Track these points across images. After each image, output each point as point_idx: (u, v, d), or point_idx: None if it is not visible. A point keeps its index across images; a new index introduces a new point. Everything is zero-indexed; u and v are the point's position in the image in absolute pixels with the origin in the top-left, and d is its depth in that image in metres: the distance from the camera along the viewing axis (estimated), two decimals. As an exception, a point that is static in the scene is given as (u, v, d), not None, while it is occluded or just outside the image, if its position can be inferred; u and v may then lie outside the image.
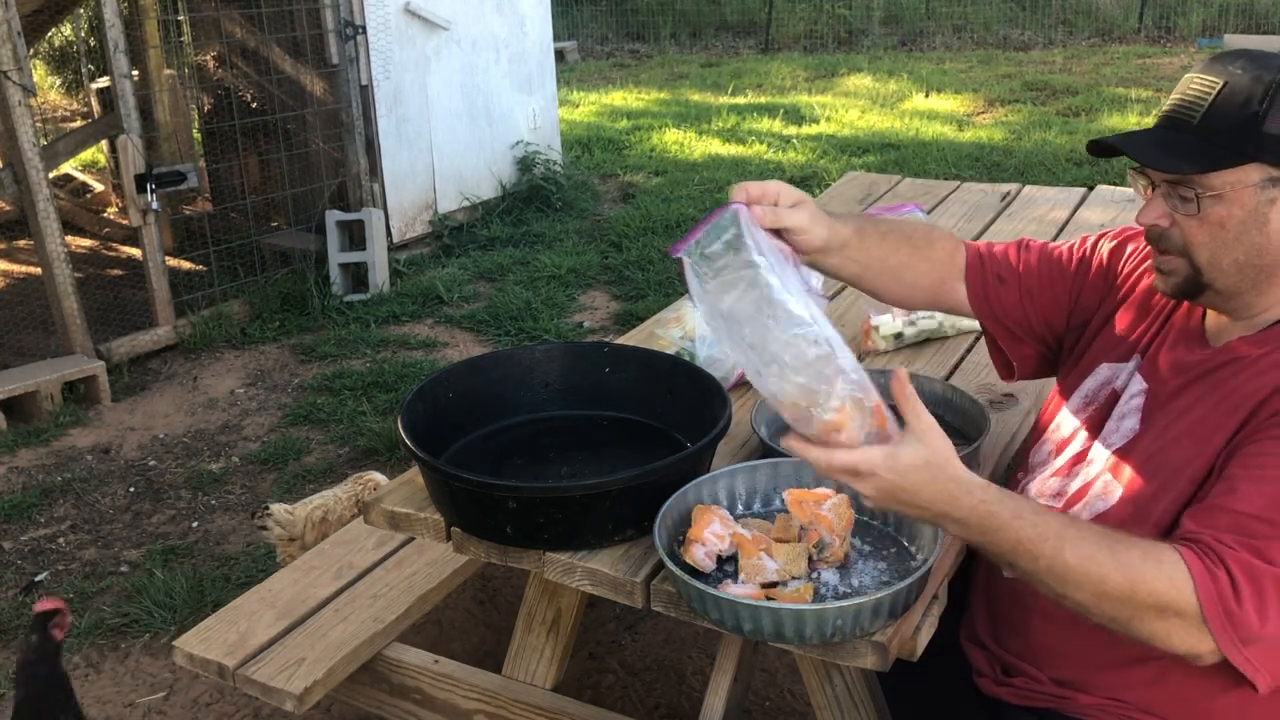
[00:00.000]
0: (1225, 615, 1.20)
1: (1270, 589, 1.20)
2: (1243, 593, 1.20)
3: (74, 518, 3.40)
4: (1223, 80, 1.31)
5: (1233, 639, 1.21)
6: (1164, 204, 1.35)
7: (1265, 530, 1.21)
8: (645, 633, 2.72)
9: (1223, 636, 1.20)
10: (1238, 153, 1.29)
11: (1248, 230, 1.31)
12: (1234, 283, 1.35)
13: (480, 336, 4.66)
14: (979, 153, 6.98)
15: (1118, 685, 1.41)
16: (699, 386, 1.75)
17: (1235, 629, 1.20)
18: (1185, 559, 1.21)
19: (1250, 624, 1.20)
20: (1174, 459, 1.36)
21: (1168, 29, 11.54)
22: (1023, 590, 1.50)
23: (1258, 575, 1.20)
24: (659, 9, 13.21)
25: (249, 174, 5.72)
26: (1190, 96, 1.33)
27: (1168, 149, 1.32)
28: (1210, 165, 1.30)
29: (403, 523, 1.68)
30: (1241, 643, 1.21)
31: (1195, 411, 1.36)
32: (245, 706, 2.52)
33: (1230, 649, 1.21)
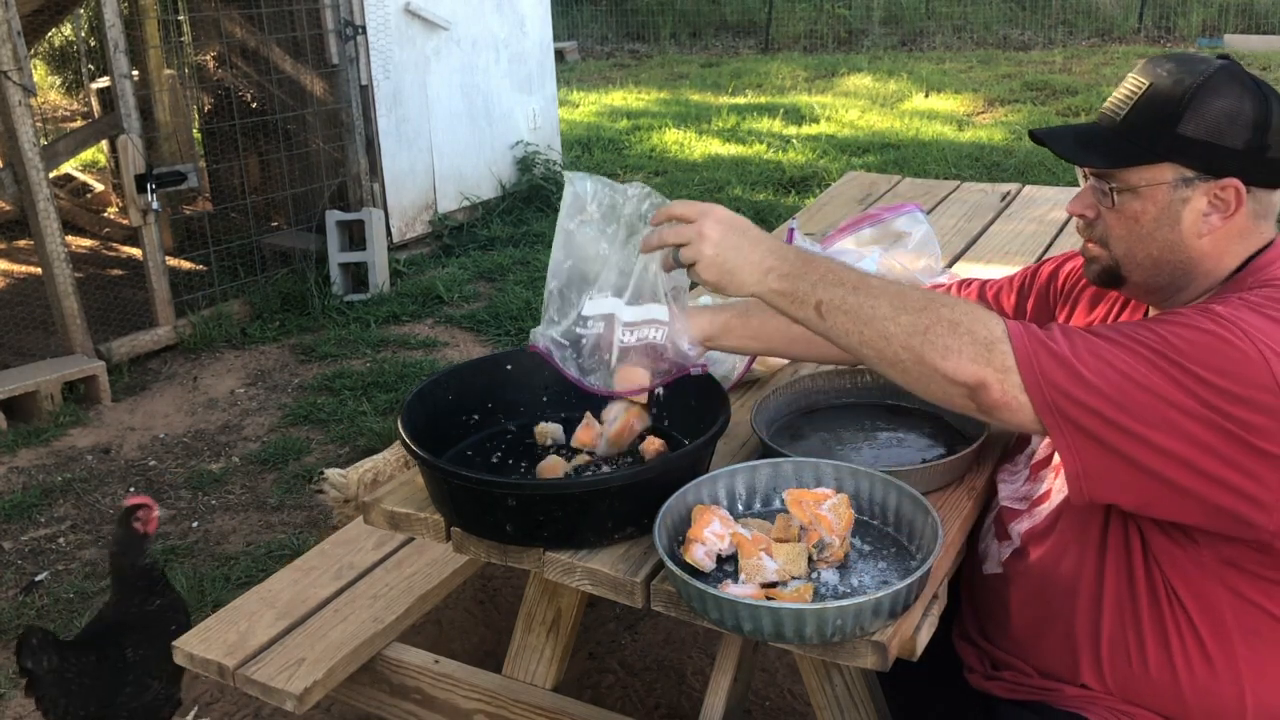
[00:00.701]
0: (1026, 332, 1.24)
1: (1080, 343, 1.24)
2: (1054, 332, 1.25)
3: (74, 518, 3.40)
4: (1149, 81, 1.37)
5: (1028, 351, 1.22)
6: (1091, 195, 1.42)
7: (1099, 332, 1.27)
8: (645, 633, 2.72)
9: (1020, 344, 1.22)
10: (1152, 152, 1.35)
11: (1160, 227, 1.37)
12: (1149, 277, 1.41)
13: (480, 336, 4.66)
14: (979, 153, 6.99)
15: (1095, 674, 1.43)
16: (698, 386, 1.75)
17: (1034, 341, 1.23)
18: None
19: (1057, 345, 1.23)
20: None
21: (1168, 29, 11.54)
22: (999, 587, 1.53)
23: (1072, 333, 1.25)
24: (659, 9, 13.22)
25: (249, 174, 5.72)
26: (1121, 95, 1.40)
27: (1086, 144, 1.40)
28: (1123, 161, 1.37)
29: (403, 523, 1.68)
30: (1038, 360, 1.22)
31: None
32: (245, 706, 2.52)
33: (1024, 361, 1.22)
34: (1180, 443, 1.21)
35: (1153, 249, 1.39)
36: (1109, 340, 1.24)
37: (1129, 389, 1.21)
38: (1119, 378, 1.21)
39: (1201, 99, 1.33)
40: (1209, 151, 1.33)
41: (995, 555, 1.56)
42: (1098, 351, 1.23)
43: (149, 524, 2.25)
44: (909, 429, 1.83)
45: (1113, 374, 1.21)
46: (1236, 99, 1.33)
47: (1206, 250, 1.37)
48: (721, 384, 1.74)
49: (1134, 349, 1.22)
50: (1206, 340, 1.21)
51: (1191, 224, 1.36)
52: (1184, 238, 1.37)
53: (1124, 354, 1.22)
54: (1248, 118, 1.32)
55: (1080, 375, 1.21)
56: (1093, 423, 1.22)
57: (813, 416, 1.90)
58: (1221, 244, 1.37)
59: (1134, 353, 1.22)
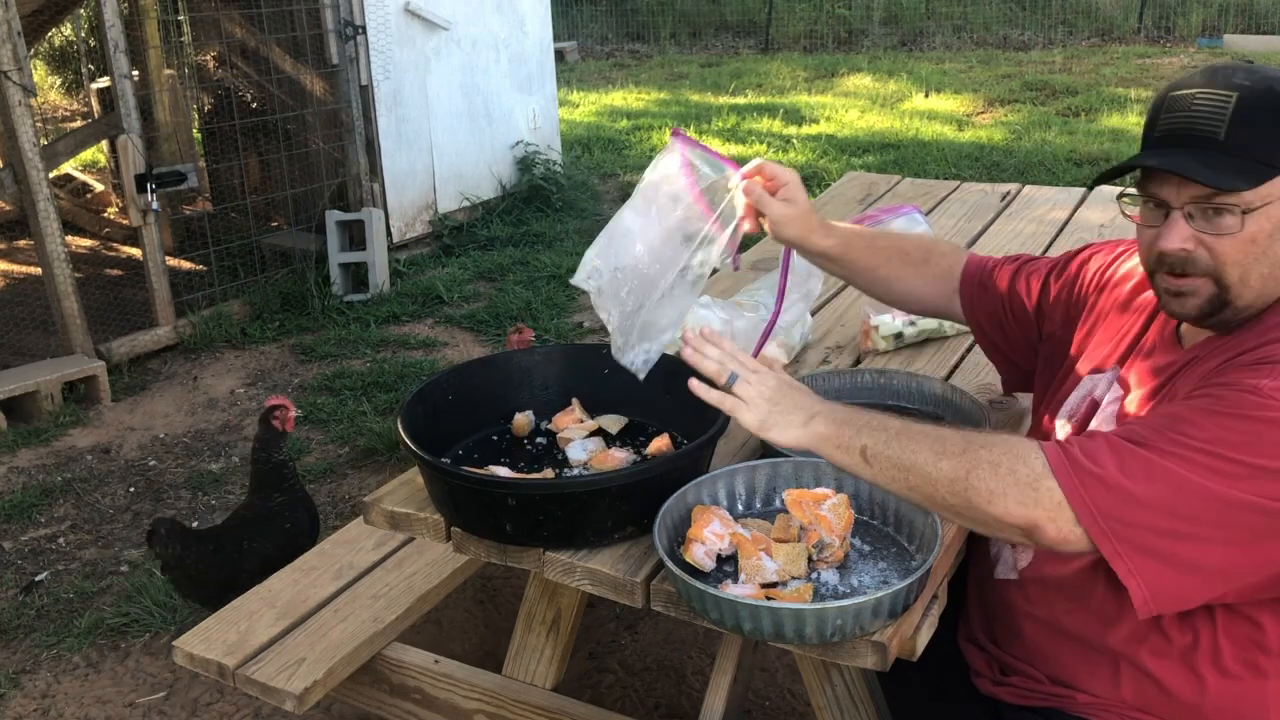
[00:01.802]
0: (1071, 465, 1.20)
1: (1133, 463, 1.19)
2: (1100, 454, 1.20)
3: (74, 518, 3.40)
4: (1235, 94, 1.28)
5: (1078, 488, 1.18)
6: (1188, 227, 1.31)
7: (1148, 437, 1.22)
8: (645, 633, 2.72)
9: (1068, 482, 1.19)
10: (1271, 165, 1.27)
11: (1275, 242, 1.30)
12: (1255, 298, 1.32)
13: (480, 336, 4.66)
14: (979, 153, 6.99)
15: (1112, 684, 1.41)
16: (698, 386, 1.75)
17: (1082, 477, 1.19)
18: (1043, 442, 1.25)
19: (1103, 475, 1.18)
20: None
21: (1168, 29, 11.54)
22: (1013, 594, 1.52)
23: (1123, 453, 1.21)
24: (659, 9, 13.22)
25: (249, 174, 5.72)
26: (1207, 111, 1.30)
27: (1212, 166, 1.28)
28: (1255, 179, 1.27)
29: (403, 523, 1.68)
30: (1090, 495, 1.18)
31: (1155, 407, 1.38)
32: (245, 706, 2.52)
33: (1076, 498, 1.18)
34: (1244, 534, 1.19)
35: (1265, 267, 1.30)
36: (1158, 450, 1.20)
37: (1185, 498, 1.18)
38: (1172, 491, 1.18)
39: None
40: None
41: (1009, 561, 1.54)
42: (1147, 465, 1.19)
43: (286, 423, 2.53)
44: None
45: (1165, 488, 1.18)
46: None
47: None
48: (721, 384, 1.74)
49: (1187, 455, 1.19)
50: (1259, 430, 1.18)
51: None
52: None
53: (1176, 463, 1.19)
54: None
55: (1132, 496, 1.18)
56: (1152, 540, 1.19)
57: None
58: None
59: (1186, 460, 1.19)
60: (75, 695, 2.61)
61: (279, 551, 2.44)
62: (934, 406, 1.86)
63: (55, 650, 2.77)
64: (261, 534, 2.51)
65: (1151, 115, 1.36)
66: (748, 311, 2.03)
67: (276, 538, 2.49)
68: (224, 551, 2.51)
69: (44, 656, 2.75)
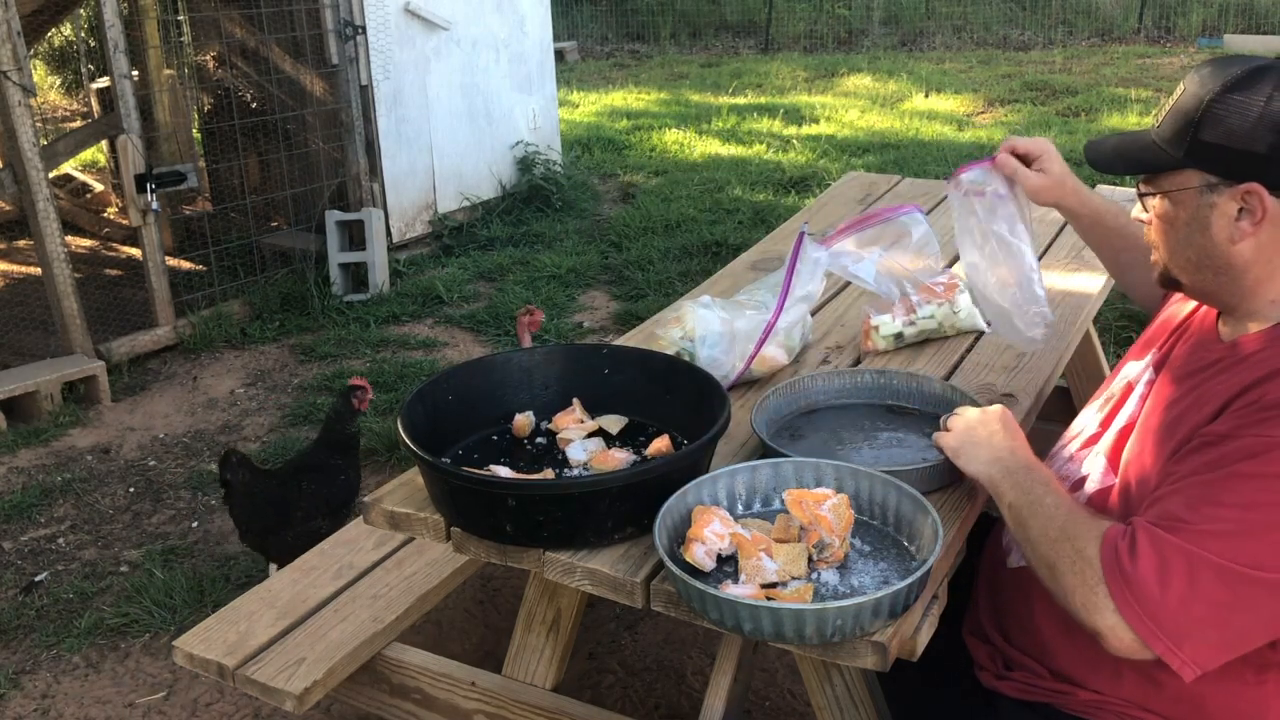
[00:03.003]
0: (1118, 572, 1.24)
1: (1175, 560, 1.22)
2: (1140, 556, 1.23)
3: (74, 518, 3.40)
4: (1184, 86, 1.37)
5: (1127, 597, 1.23)
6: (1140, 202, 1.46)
7: (1186, 515, 1.25)
8: (645, 633, 2.72)
9: (1116, 592, 1.23)
10: (1175, 158, 1.36)
11: (1193, 232, 1.37)
12: (1195, 280, 1.41)
13: (480, 336, 4.66)
14: (979, 153, 6.98)
15: (1114, 681, 1.42)
16: (698, 386, 1.75)
17: (1130, 589, 1.23)
18: (1107, 529, 1.29)
19: (1147, 588, 1.22)
20: (1151, 447, 1.39)
21: (1167, 29, 11.54)
22: (1026, 581, 1.52)
23: (1162, 545, 1.23)
24: (659, 9, 13.21)
25: (249, 174, 5.72)
26: (1167, 102, 1.41)
27: (1123, 152, 1.44)
28: (1150, 168, 1.39)
29: (403, 523, 1.68)
30: (1140, 606, 1.22)
31: (1181, 404, 1.39)
32: (245, 706, 2.52)
33: (1125, 606, 1.23)
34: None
35: (1190, 253, 1.39)
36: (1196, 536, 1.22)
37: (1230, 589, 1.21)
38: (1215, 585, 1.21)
39: (1222, 103, 1.31)
40: (1228, 156, 1.31)
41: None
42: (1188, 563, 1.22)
43: (363, 403, 2.82)
44: (908, 429, 1.83)
45: (1209, 584, 1.21)
46: (1264, 102, 1.29)
47: (1250, 257, 1.34)
48: (721, 384, 1.74)
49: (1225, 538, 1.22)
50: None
51: (1222, 229, 1.34)
52: (1216, 243, 1.35)
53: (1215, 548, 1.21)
54: (1273, 120, 1.29)
55: (1180, 605, 1.22)
56: (1201, 631, 1.23)
57: (812, 416, 1.90)
58: (1269, 253, 1.34)
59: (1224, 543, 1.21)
60: (75, 695, 2.61)
61: (327, 503, 2.77)
62: (934, 406, 1.86)
63: (55, 650, 2.77)
64: (318, 482, 2.78)
65: None
66: (749, 311, 2.03)
67: (330, 489, 2.80)
68: (285, 488, 2.79)
69: (44, 657, 2.75)
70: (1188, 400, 1.38)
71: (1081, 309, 2.34)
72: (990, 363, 2.10)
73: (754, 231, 5.45)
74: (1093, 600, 1.25)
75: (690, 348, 1.98)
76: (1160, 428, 1.39)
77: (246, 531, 2.85)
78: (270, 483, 2.83)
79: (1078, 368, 2.81)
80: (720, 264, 4.53)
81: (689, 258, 5.31)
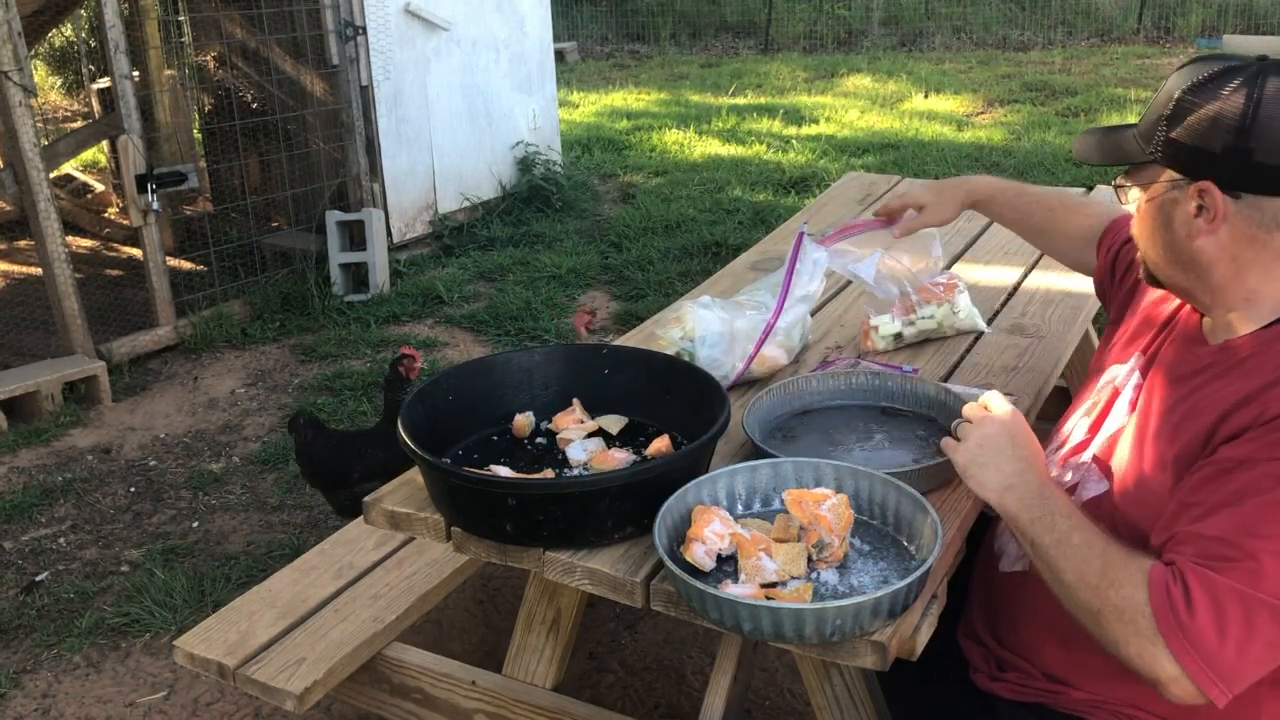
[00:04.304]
0: (1176, 625, 1.20)
1: (1230, 607, 1.19)
2: (1196, 605, 1.19)
3: (74, 518, 3.41)
4: (1168, 82, 1.37)
5: (1187, 649, 1.20)
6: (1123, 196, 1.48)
7: (1228, 552, 1.21)
8: (645, 632, 2.73)
9: (1175, 645, 1.20)
10: (1144, 153, 1.37)
11: (1159, 228, 1.39)
12: (1169, 276, 1.43)
13: (480, 336, 4.66)
14: (978, 153, 6.99)
15: (1107, 684, 1.42)
16: (697, 386, 1.75)
17: (1189, 640, 1.19)
18: (1151, 570, 1.24)
19: (1206, 638, 1.19)
20: (1149, 453, 1.38)
21: (1167, 29, 11.55)
22: (1017, 584, 1.53)
23: (1216, 590, 1.20)
24: (659, 9, 13.22)
25: (249, 174, 5.72)
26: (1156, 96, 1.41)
27: (1102, 145, 1.46)
28: (1123, 161, 1.41)
29: (403, 523, 1.69)
30: (1200, 657, 1.19)
31: (1177, 410, 1.38)
32: (245, 706, 2.53)
33: (1185, 659, 1.20)
34: None
35: (1160, 248, 1.40)
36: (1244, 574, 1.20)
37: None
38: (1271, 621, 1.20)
39: (1187, 101, 1.32)
40: (1188, 153, 1.32)
41: (1015, 552, 1.55)
42: (1243, 604, 1.19)
43: (411, 371, 2.94)
44: (902, 430, 1.83)
45: (1265, 622, 1.20)
46: (1223, 101, 1.29)
47: (1213, 255, 1.33)
48: (720, 384, 1.74)
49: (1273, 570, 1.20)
50: None
51: (1181, 226, 1.35)
52: (1177, 240, 1.36)
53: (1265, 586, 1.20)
54: (1229, 121, 1.28)
55: (1238, 651, 1.20)
56: (1257, 671, 1.22)
57: (805, 417, 1.90)
58: (1231, 251, 1.33)
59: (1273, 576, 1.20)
60: (76, 695, 2.61)
61: (383, 467, 2.86)
62: (928, 409, 1.87)
63: (56, 650, 2.77)
64: (376, 446, 2.92)
65: None
66: (749, 311, 2.03)
67: (386, 453, 2.84)
68: (344, 449, 2.97)
69: (44, 656, 2.75)
70: (1184, 406, 1.36)
71: (1080, 309, 2.35)
72: (990, 363, 2.10)
73: (754, 231, 5.45)
74: (1150, 651, 1.22)
75: (690, 348, 1.98)
76: (1157, 434, 1.38)
77: (312, 485, 3.14)
78: (330, 443, 3.01)
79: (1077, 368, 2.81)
80: (720, 264, 4.54)
81: (689, 258, 5.32)
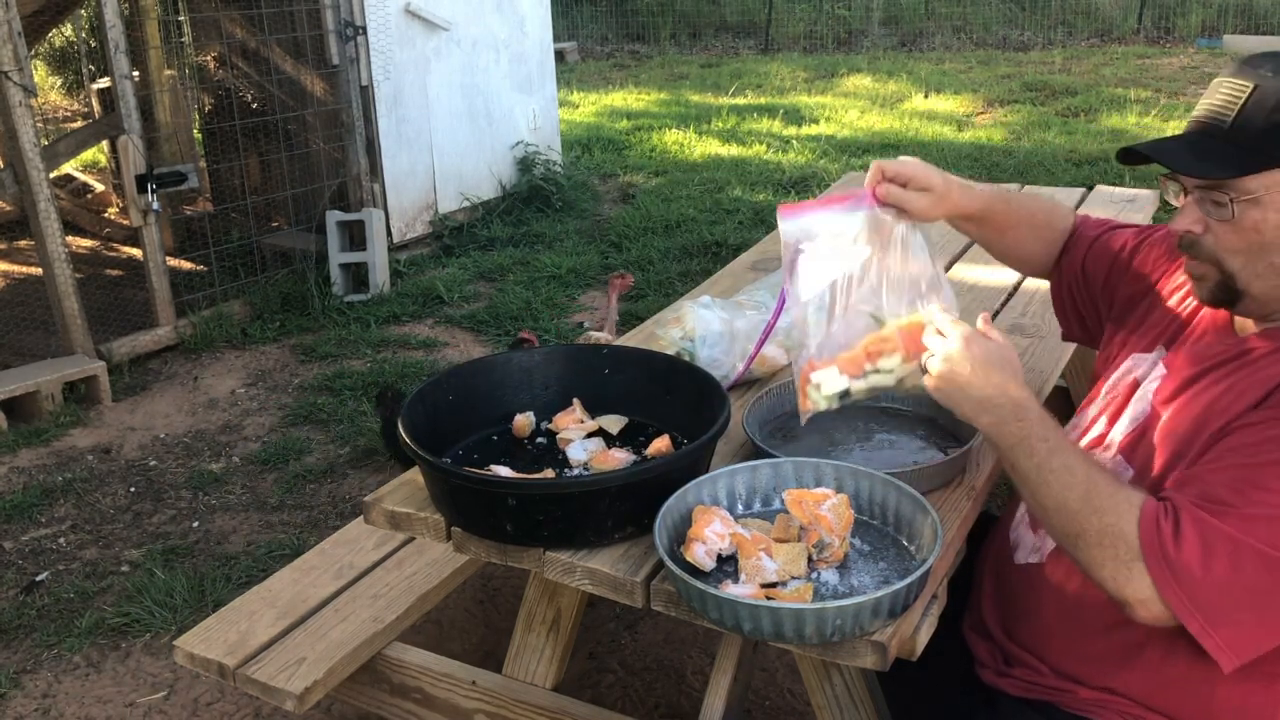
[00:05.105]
0: (1161, 555, 1.22)
1: (1220, 546, 1.21)
2: (1185, 540, 1.22)
3: (74, 517, 3.41)
4: (1253, 84, 1.29)
5: (1168, 578, 1.22)
6: (1197, 210, 1.35)
7: (1229, 499, 1.23)
8: (645, 632, 2.72)
9: (1156, 571, 1.22)
10: (1270, 157, 1.28)
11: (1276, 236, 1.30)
12: (1269, 287, 1.34)
13: (480, 336, 4.66)
14: (978, 153, 6.99)
15: (1118, 676, 1.41)
16: (697, 386, 1.75)
17: (1172, 571, 1.21)
18: (1144, 503, 1.26)
19: (1190, 571, 1.21)
20: (1179, 441, 1.37)
21: (1167, 29, 11.55)
22: (1033, 576, 1.52)
23: (1207, 531, 1.22)
24: (659, 9, 13.22)
25: (249, 174, 5.72)
26: (1220, 101, 1.32)
27: (1200, 154, 1.31)
28: (1242, 170, 1.29)
29: (403, 523, 1.68)
30: (1181, 587, 1.21)
31: (1205, 396, 1.37)
32: (246, 706, 2.53)
33: (1164, 585, 1.22)
34: None
35: (1275, 257, 1.31)
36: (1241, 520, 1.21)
37: (1274, 575, 1.20)
38: (1259, 570, 1.20)
39: None
40: None
41: (1030, 544, 1.55)
42: (1233, 547, 1.20)
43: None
44: (902, 431, 1.83)
45: (1253, 568, 1.20)
46: None
47: None
48: (720, 384, 1.74)
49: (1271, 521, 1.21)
50: None
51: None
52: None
53: (1261, 534, 1.21)
54: None
55: (1221, 585, 1.21)
56: (1239, 615, 1.22)
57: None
58: None
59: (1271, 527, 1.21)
60: (76, 695, 2.61)
61: None
62: (925, 408, 1.86)
63: (56, 650, 2.77)
64: None
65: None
66: (748, 311, 2.03)
67: None
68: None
69: (44, 656, 2.75)
70: (1217, 390, 1.36)
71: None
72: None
73: (754, 231, 5.45)
74: (1125, 574, 1.24)
75: (690, 348, 1.98)
76: (1190, 421, 1.37)
77: (393, 459, 3.29)
78: None
79: (1077, 368, 2.81)
80: (720, 264, 4.54)
81: (689, 258, 5.32)
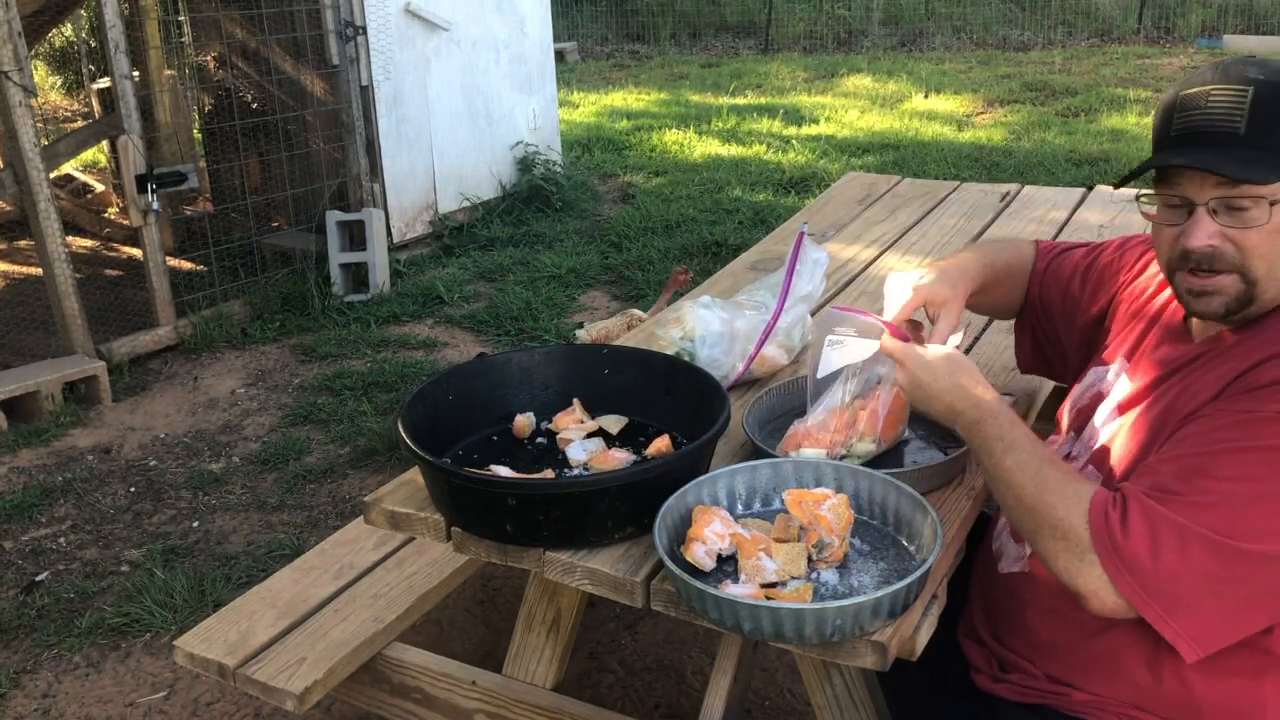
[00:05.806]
0: (1110, 545, 1.25)
1: (1166, 534, 1.23)
2: (1132, 528, 1.24)
3: (75, 517, 3.41)
4: (1250, 88, 1.29)
5: (1119, 568, 1.24)
6: (1213, 223, 1.32)
7: (1177, 487, 1.26)
8: (645, 632, 2.73)
9: (1107, 562, 1.25)
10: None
11: None
12: (1277, 292, 1.33)
13: (480, 336, 4.66)
14: (978, 153, 6.99)
15: (1109, 683, 1.42)
16: (697, 386, 1.75)
17: (1122, 560, 1.24)
18: (1094, 495, 1.29)
19: (1139, 560, 1.23)
20: (1142, 447, 1.39)
21: (1167, 29, 11.55)
22: (1018, 585, 1.53)
23: (1154, 519, 1.24)
24: (659, 9, 13.22)
25: (249, 174, 5.72)
26: (1223, 107, 1.30)
27: (1244, 162, 1.28)
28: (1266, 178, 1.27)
29: (403, 523, 1.68)
30: (1132, 577, 1.23)
31: (1166, 399, 1.39)
32: (246, 706, 2.53)
33: (1121, 581, 1.24)
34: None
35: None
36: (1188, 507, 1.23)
37: (1222, 560, 1.22)
38: (1207, 556, 1.22)
39: None
40: None
41: (1014, 553, 1.56)
42: (1180, 534, 1.22)
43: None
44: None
45: (1201, 555, 1.22)
46: None
47: None
48: (720, 384, 1.74)
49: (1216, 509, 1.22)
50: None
51: None
52: None
53: (1206, 521, 1.22)
54: None
55: (1171, 572, 1.23)
56: (1194, 602, 1.24)
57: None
58: None
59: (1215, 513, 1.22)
60: (76, 695, 2.61)
61: None
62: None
63: (56, 650, 2.77)
64: None
65: (1164, 117, 1.36)
66: (748, 311, 2.03)
67: None
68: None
69: (45, 656, 2.75)
70: (1174, 392, 1.38)
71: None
72: (990, 363, 2.10)
73: (754, 231, 5.45)
74: (1077, 566, 1.27)
75: (690, 348, 1.98)
76: (1151, 426, 1.39)
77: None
78: None
79: (1077, 368, 2.82)
80: (720, 264, 4.54)
81: (689, 258, 5.32)
